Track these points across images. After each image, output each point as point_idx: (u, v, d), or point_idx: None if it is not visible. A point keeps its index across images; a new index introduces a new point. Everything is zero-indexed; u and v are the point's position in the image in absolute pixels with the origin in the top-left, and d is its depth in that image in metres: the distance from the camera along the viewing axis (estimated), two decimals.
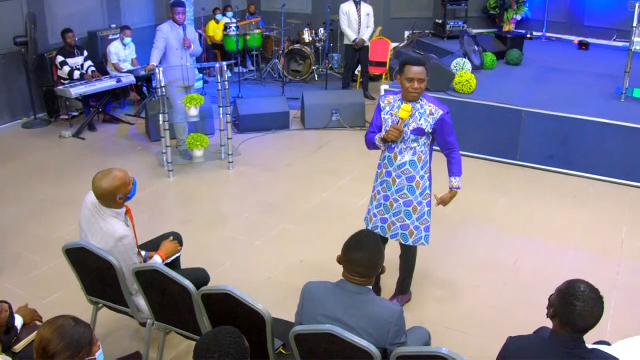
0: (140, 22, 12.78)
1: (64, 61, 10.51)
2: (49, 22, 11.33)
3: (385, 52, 12.86)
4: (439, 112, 4.86)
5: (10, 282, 6.06)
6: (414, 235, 5.15)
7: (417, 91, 4.79)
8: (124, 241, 4.29)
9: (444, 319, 5.35)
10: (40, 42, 10.91)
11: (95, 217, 4.37)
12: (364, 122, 10.32)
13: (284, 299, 5.53)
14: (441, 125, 4.90)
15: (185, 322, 4.26)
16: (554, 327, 3.16)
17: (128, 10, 12.90)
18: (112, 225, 4.31)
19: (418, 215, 5.12)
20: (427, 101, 4.89)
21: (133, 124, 11.05)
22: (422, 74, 4.76)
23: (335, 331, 3.28)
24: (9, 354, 3.52)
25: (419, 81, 4.76)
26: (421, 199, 5.10)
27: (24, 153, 9.76)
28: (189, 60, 8.85)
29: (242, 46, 13.81)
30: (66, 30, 10.62)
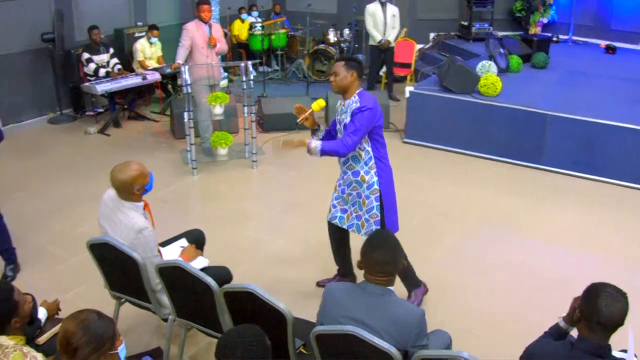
0: (166, 20, 12.83)
1: (89, 58, 10.58)
2: (76, 19, 11.40)
3: (411, 54, 12.81)
4: (357, 105, 4.93)
5: (34, 276, 6.11)
6: (365, 227, 5.22)
7: (333, 85, 5.01)
8: (145, 233, 4.32)
9: (464, 322, 5.31)
10: (67, 39, 11.00)
11: (115, 212, 4.41)
12: (388, 124, 10.28)
13: (306, 298, 5.54)
14: (352, 115, 4.93)
15: (206, 319, 4.27)
16: (580, 332, 3.14)
17: (154, 8, 12.96)
18: (131, 218, 4.34)
19: (367, 209, 5.19)
20: (358, 99, 4.97)
21: (158, 121, 11.10)
22: (337, 68, 4.98)
23: (357, 332, 3.27)
24: (32, 345, 3.54)
25: (334, 74, 4.99)
26: (369, 193, 5.16)
27: (49, 148, 9.84)
28: (214, 58, 8.87)
29: (267, 46, 13.83)
30: (92, 27, 10.69)
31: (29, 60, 10.78)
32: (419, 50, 13.24)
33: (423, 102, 9.47)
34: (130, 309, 4.96)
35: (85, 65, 10.65)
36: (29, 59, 10.77)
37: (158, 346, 4.95)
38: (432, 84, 9.80)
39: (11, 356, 3.21)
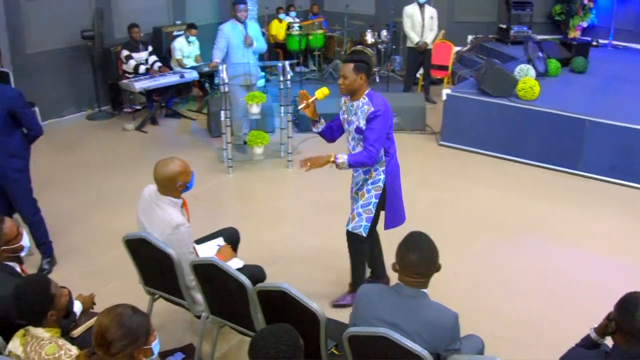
0: (204, 19, 12.90)
1: (129, 55, 10.67)
2: (115, 17, 11.53)
3: (448, 56, 12.75)
4: (371, 109, 4.91)
5: (69, 270, 6.18)
6: (355, 221, 5.25)
7: (341, 87, 5.00)
8: (181, 229, 4.34)
9: (496, 327, 5.27)
10: (107, 37, 11.12)
11: (153, 207, 4.45)
12: (424, 126, 10.25)
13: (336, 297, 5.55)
14: (369, 120, 4.93)
15: (239, 317, 4.29)
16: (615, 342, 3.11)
17: (193, 7, 13.05)
18: (169, 214, 4.38)
19: (364, 202, 5.22)
20: (368, 100, 4.97)
21: (195, 119, 11.17)
22: (345, 71, 4.94)
23: (389, 335, 3.26)
24: (67, 338, 3.58)
25: (343, 77, 4.96)
26: (370, 188, 5.21)
27: (87, 144, 9.95)
28: (251, 58, 8.89)
29: (304, 46, 13.84)
30: (132, 25, 10.78)
31: (69, 57, 10.92)
32: (456, 53, 13.18)
33: (460, 105, 9.43)
34: (164, 305, 5.01)
35: (125, 62, 10.74)
36: (68, 55, 10.90)
37: (190, 343, 5.00)
38: (469, 87, 9.75)
39: (46, 348, 3.26)
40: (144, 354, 2.94)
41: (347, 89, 4.98)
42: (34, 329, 3.35)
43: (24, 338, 3.36)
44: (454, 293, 5.46)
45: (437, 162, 8.99)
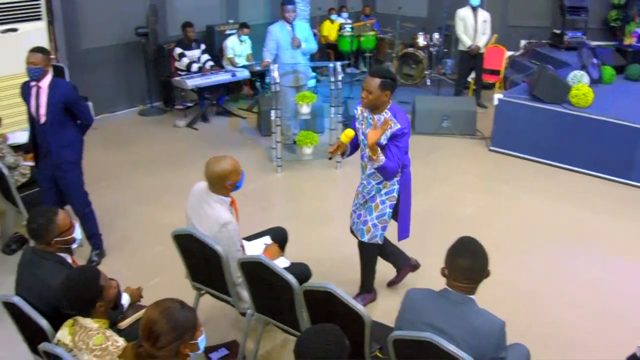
0: (256, 19, 12.96)
1: (182, 53, 10.77)
2: (169, 15, 11.65)
3: (500, 61, 12.62)
4: (397, 126, 4.84)
5: (118, 262, 6.27)
6: (371, 232, 5.24)
7: (364, 100, 4.87)
8: (229, 227, 4.37)
9: (541, 336, 5.20)
10: (160, 34, 11.24)
11: (202, 204, 4.49)
12: (474, 131, 10.17)
13: (383, 302, 5.52)
14: (393, 136, 4.87)
15: (285, 315, 4.30)
16: None
17: (246, 6, 13.13)
18: (217, 212, 4.41)
19: (378, 214, 5.20)
20: (391, 115, 4.88)
21: (245, 118, 11.24)
22: (370, 85, 4.80)
23: (435, 340, 3.23)
24: (114, 329, 3.62)
25: (367, 92, 4.83)
26: (385, 199, 5.18)
27: (138, 139, 10.08)
28: (300, 58, 8.90)
29: (355, 47, 13.81)
30: (186, 24, 10.88)
31: (123, 53, 11.07)
32: (509, 57, 13.03)
33: (511, 111, 9.32)
34: (209, 300, 5.04)
35: (178, 60, 10.85)
36: (122, 52, 11.06)
37: (234, 339, 5.02)
38: (521, 92, 9.64)
39: (94, 338, 3.30)
40: (190, 348, 2.96)
41: (370, 104, 4.89)
42: (82, 319, 3.40)
43: (72, 328, 3.40)
44: (501, 301, 5.37)
45: (487, 168, 8.91)
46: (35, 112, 5.65)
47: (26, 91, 5.69)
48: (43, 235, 3.91)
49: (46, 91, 5.61)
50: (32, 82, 5.62)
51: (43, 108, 5.62)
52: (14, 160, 6.57)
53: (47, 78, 5.63)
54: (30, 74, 5.55)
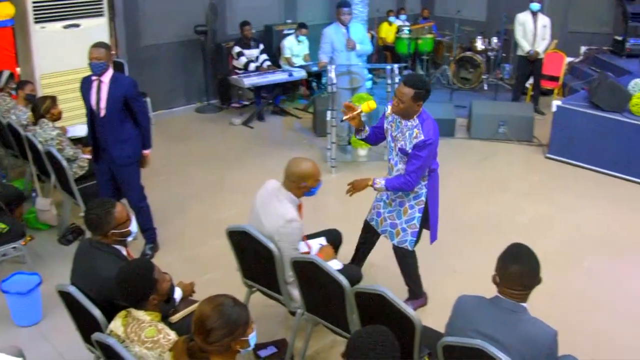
0: (314, 19, 12.97)
1: (240, 52, 10.86)
2: (228, 14, 11.75)
3: (560, 67, 12.45)
4: (420, 138, 4.81)
5: (172, 256, 6.34)
6: (400, 236, 5.22)
7: (394, 108, 4.86)
8: (293, 224, 4.41)
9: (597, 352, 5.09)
10: (219, 33, 11.35)
11: (272, 199, 4.53)
12: (531, 137, 10.04)
13: (433, 307, 5.49)
14: (416, 147, 4.85)
15: (335, 316, 4.30)
16: None
17: (304, 6, 13.17)
18: (286, 208, 4.46)
19: (407, 218, 5.18)
20: (419, 124, 4.85)
21: (301, 117, 11.28)
22: (402, 94, 4.77)
23: (485, 347, 3.19)
24: (166, 322, 3.66)
25: (399, 100, 4.79)
26: (413, 203, 5.16)
27: (195, 136, 10.19)
28: (355, 60, 8.88)
29: (413, 50, 13.75)
30: (244, 23, 10.97)
31: (182, 50, 11.21)
32: (568, 64, 12.84)
33: (570, 118, 9.18)
34: (260, 298, 5.06)
35: (236, 58, 10.94)
36: (181, 49, 11.20)
37: (283, 338, 5.03)
38: (580, 100, 9.48)
39: (146, 330, 3.34)
40: (240, 345, 2.98)
41: (400, 113, 4.88)
42: (135, 311, 3.44)
43: (125, 319, 3.45)
44: (554, 310, 5.27)
45: (543, 175, 8.78)
46: (96, 106, 5.74)
47: (87, 86, 5.78)
48: (100, 226, 3.97)
49: (107, 85, 5.70)
50: (94, 77, 5.71)
51: (103, 102, 5.71)
52: (73, 152, 6.70)
53: (109, 73, 5.72)
54: (93, 69, 5.64)
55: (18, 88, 7.64)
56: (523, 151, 9.74)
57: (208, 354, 2.95)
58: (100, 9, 9.04)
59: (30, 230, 6.66)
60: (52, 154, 6.24)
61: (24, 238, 5.82)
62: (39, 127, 6.72)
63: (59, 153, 6.29)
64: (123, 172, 6.00)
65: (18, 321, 5.25)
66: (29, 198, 7.20)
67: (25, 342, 4.73)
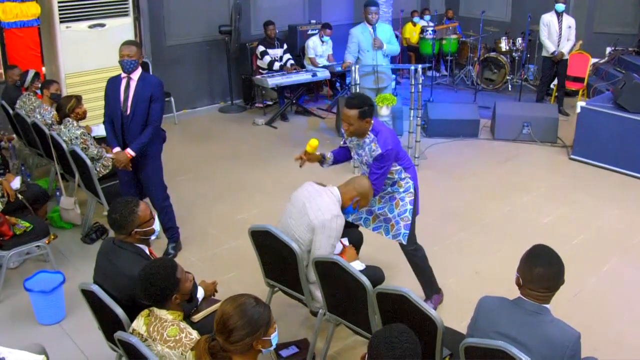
0: (339, 19, 13.00)
1: (265, 51, 10.88)
2: (252, 14, 11.80)
3: (584, 68, 12.36)
4: (378, 151, 4.92)
5: (194, 256, 6.36)
6: (394, 229, 5.21)
7: (346, 132, 4.99)
8: (338, 221, 4.45)
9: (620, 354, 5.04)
10: (243, 33, 11.36)
11: (321, 194, 4.57)
12: (555, 138, 9.97)
13: (454, 308, 5.46)
14: (375, 159, 4.96)
15: (356, 317, 4.29)
16: None
17: (328, 7, 13.18)
18: (335, 204, 4.52)
19: (400, 211, 5.20)
20: (374, 137, 4.96)
21: (324, 118, 11.28)
22: (350, 118, 4.86)
23: (507, 349, 3.17)
24: (188, 322, 3.68)
25: (347, 124, 4.90)
26: (404, 196, 5.21)
27: (218, 135, 10.23)
28: (381, 60, 8.87)
29: (437, 50, 13.72)
30: (268, 22, 11.00)
31: (206, 50, 11.27)
32: (593, 65, 12.74)
33: (594, 119, 9.11)
34: (282, 298, 5.06)
35: (260, 58, 10.97)
36: (205, 49, 11.26)
37: (305, 337, 5.03)
38: (605, 101, 9.40)
39: (168, 329, 3.35)
40: (262, 344, 2.98)
41: (353, 135, 5.01)
42: (158, 310, 3.46)
43: (147, 318, 3.47)
44: (577, 313, 5.28)
45: (567, 177, 8.72)
46: (123, 104, 5.76)
47: (114, 84, 5.81)
48: (124, 225, 3.99)
49: (136, 83, 5.75)
50: (123, 74, 5.76)
51: (130, 100, 5.74)
52: (97, 151, 6.73)
53: (138, 71, 5.79)
54: (125, 66, 5.69)
55: (43, 87, 7.69)
56: (547, 152, 9.68)
57: (230, 353, 2.96)
58: (125, 8, 9.10)
59: (54, 229, 6.72)
60: (77, 153, 6.28)
61: (47, 237, 5.85)
62: (63, 126, 6.76)
63: (83, 152, 6.33)
64: (146, 170, 6.03)
65: (41, 319, 5.28)
66: (53, 197, 7.25)
67: (48, 340, 4.76)
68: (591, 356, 3.85)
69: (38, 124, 7.01)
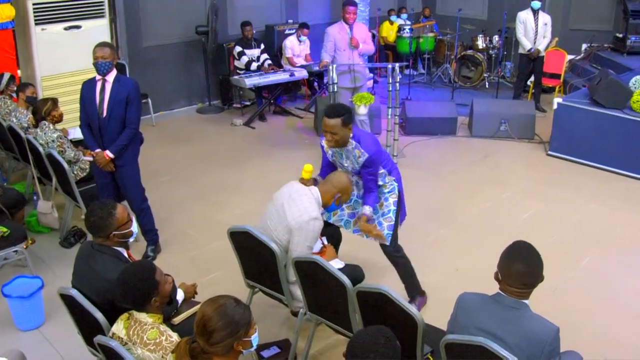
0: (316, 19, 13.00)
1: (242, 52, 10.86)
2: (229, 14, 11.78)
3: (561, 64, 12.44)
4: (365, 156, 4.92)
5: (173, 258, 6.34)
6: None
7: (331, 143, 4.92)
8: (316, 223, 4.43)
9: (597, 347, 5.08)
10: (220, 33, 11.33)
11: (300, 195, 4.55)
12: (533, 135, 10.03)
13: (435, 305, 5.48)
14: (365, 166, 4.98)
15: (337, 316, 4.30)
16: None
17: (305, 6, 13.18)
18: (313, 206, 4.49)
19: (383, 212, 5.22)
20: (357, 144, 4.94)
21: (302, 117, 11.29)
22: (334, 127, 4.83)
23: (487, 345, 3.19)
24: (168, 324, 3.66)
25: (331, 134, 4.85)
26: (388, 196, 5.22)
27: (196, 137, 10.19)
28: (357, 59, 8.89)
29: (414, 49, 13.74)
30: (245, 23, 10.98)
31: (183, 51, 11.23)
32: (569, 61, 12.83)
33: (571, 115, 9.17)
34: (262, 298, 5.06)
35: (238, 58, 10.95)
36: (182, 50, 11.22)
37: (286, 338, 5.02)
38: (581, 97, 9.47)
39: (148, 332, 3.33)
40: (243, 345, 2.98)
41: (339, 144, 4.95)
42: (137, 313, 3.44)
43: (127, 321, 3.45)
44: (556, 307, 5.29)
45: (545, 173, 8.77)
46: (99, 106, 5.73)
47: (89, 87, 5.77)
48: (102, 228, 3.97)
49: (111, 85, 5.72)
50: (98, 77, 5.72)
51: (106, 102, 5.71)
52: (74, 154, 6.69)
53: (113, 73, 5.75)
54: (99, 68, 5.65)
55: (19, 90, 7.63)
56: (524, 149, 9.73)
57: (211, 355, 2.95)
58: (101, 10, 9.03)
59: (32, 233, 6.66)
60: (53, 157, 6.23)
61: (25, 241, 5.81)
62: (40, 130, 6.71)
63: (60, 155, 6.29)
64: (124, 172, 5.99)
65: (20, 325, 5.24)
66: (30, 201, 7.21)
67: (28, 346, 4.73)
68: (570, 350, 3.87)
69: (14, 127, 6.96)
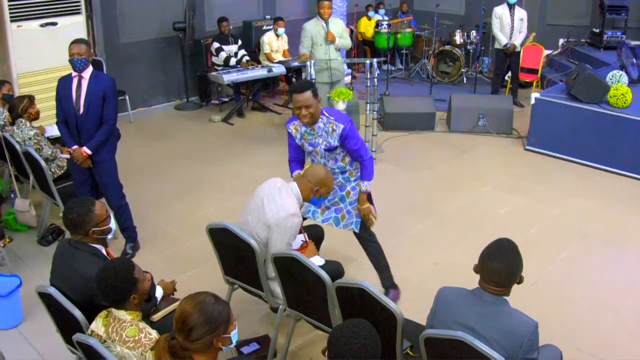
0: (294, 15, 12.99)
1: (220, 48, 10.84)
2: (206, 10, 11.74)
3: (538, 59, 12.49)
4: (340, 127, 4.93)
5: (152, 255, 6.32)
6: (345, 219, 5.29)
7: (307, 118, 4.89)
8: (294, 219, 4.42)
9: (578, 340, 5.12)
10: (197, 29, 11.29)
11: (281, 191, 4.54)
12: (510, 130, 10.08)
13: (414, 299, 5.48)
14: (345, 138, 4.96)
15: (317, 311, 4.31)
16: None
17: (283, 2, 13.16)
18: (291, 202, 4.48)
19: (351, 200, 5.25)
20: (328, 117, 4.97)
21: (281, 113, 11.28)
22: (307, 99, 4.82)
23: (467, 339, 3.20)
24: (147, 322, 3.65)
25: (305, 107, 4.84)
26: (354, 185, 5.26)
27: (174, 133, 10.16)
28: (334, 54, 8.89)
29: (392, 44, 13.74)
30: (222, 18, 10.96)
31: (160, 47, 11.18)
32: (546, 56, 12.90)
33: (548, 110, 9.23)
34: (242, 294, 5.06)
35: (215, 54, 10.92)
36: (160, 46, 11.17)
37: (266, 334, 5.03)
38: (559, 92, 9.53)
39: (127, 330, 3.33)
40: (222, 342, 2.97)
41: (315, 117, 4.94)
42: (116, 310, 3.43)
43: (106, 319, 3.43)
44: (535, 301, 5.34)
45: (523, 167, 8.82)
46: (75, 102, 5.69)
47: (65, 84, 5.74)
48: (81, 225, 3.96)
49: (87, 81, 5.69)
50: (74, 73, 5.69)
51: (83, 99, 5.68)
52: (52, 152, 6.65)
53: (89, 69, 5.71)
54: (75, 64, 5.61)
55: None
56: (502, 143, 9.78)
57: (190, 352, 2.94)
58: (77, 6, 8.95)
59: (9, 231, 6.61)
60: (30, 154, 6.19)
61: (3, 240, 5.78)
62: (16, 127, 6.66)
63: (37, 153, 6.25)
64: (101, 169, 5.96)
65: None
66: (7, 199, 7.14)
67: (6, 345, 4.71)
68: (549, 344, 3.90)
69: None
